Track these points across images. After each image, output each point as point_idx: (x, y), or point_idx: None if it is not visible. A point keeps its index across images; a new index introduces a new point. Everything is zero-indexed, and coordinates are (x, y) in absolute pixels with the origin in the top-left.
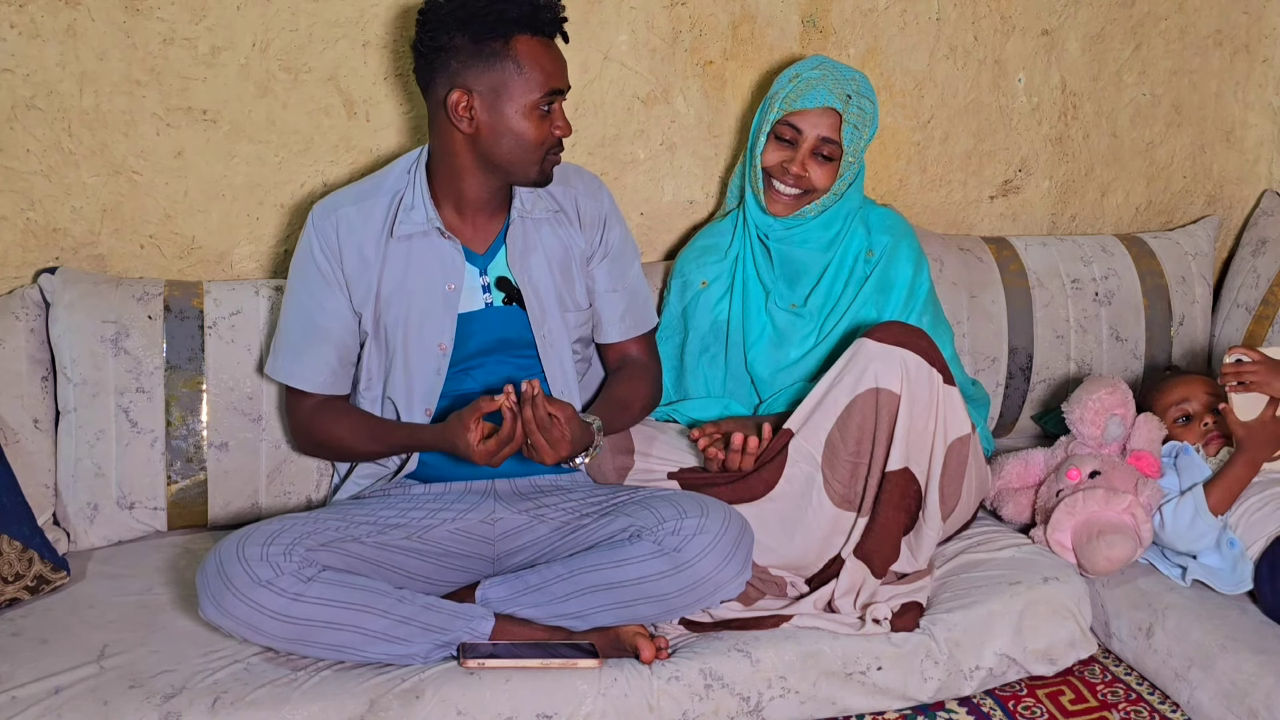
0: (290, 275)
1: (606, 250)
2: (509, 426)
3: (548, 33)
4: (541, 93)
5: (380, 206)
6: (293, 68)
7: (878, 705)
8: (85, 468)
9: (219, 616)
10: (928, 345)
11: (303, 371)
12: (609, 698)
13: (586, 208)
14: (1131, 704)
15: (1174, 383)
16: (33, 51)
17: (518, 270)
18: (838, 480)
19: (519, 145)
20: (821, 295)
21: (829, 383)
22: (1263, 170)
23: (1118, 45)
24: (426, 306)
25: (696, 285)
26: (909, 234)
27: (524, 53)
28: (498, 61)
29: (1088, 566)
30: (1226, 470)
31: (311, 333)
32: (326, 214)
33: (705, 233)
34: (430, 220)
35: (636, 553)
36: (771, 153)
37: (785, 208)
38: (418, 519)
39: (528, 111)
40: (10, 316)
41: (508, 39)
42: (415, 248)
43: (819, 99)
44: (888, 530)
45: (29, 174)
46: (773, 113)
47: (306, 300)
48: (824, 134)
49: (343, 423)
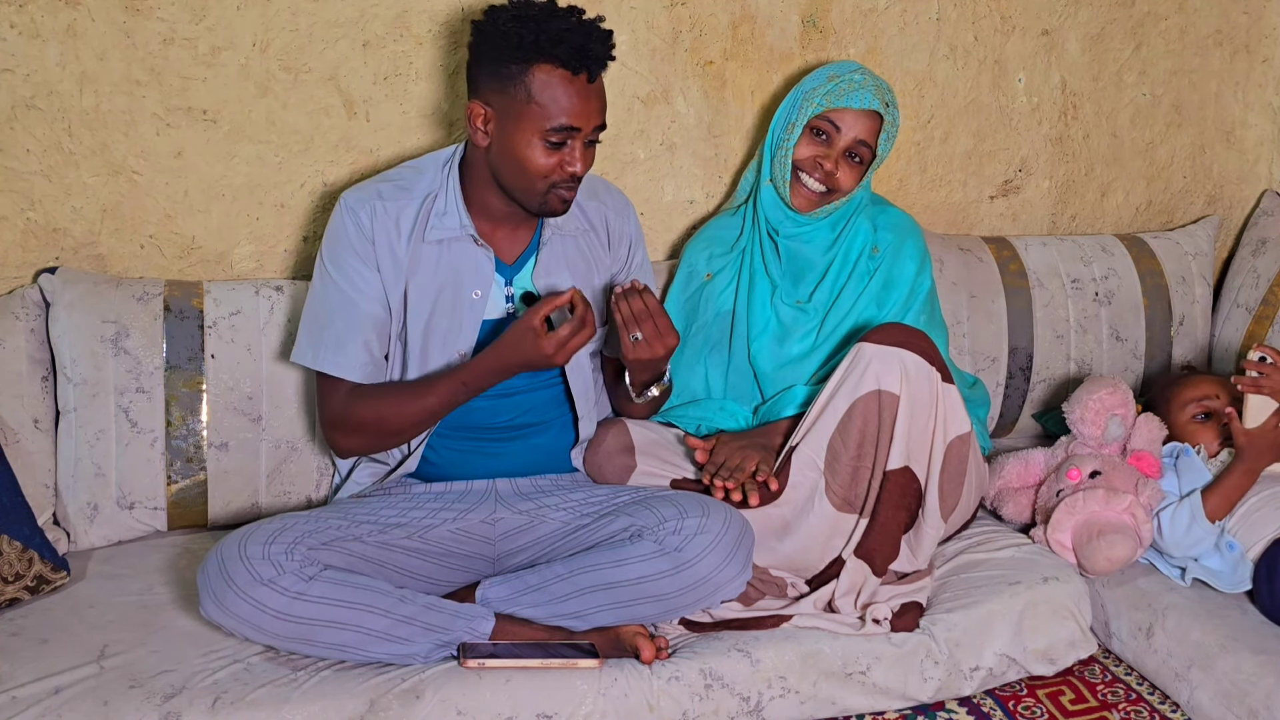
0: (323, 262)
1: (629, 270)
2: (581, 311)
3: (572, 67)
4: (549, 126)
5: (411, 207)
6: (293, 68)
7: (878, 705)
8: (85, 468)
9: (220, 615)
10: (926, 345)
11: (347, 361)
12: (609, 698)
13: (615, 224)
14: (1131, 704)
15: (1197, 379)
16: (33, 51)
17: (543, 286)
18: (838, 484)
19: (520, 172)
20: (825, 291)
21: (830, 391)
22: (1263, 170)
23: (1118, 45)
24: (451, 311)
25: (702, 276)
26: (915, 233)
27: (539, 83)
28: (511, 86)
29: (1088, 566)
30: (1225, 477)
31: (353, 318)
32: (361, 201)
33: (714, 223)
34: (464, 227)
35: (637, 552)
36: (805, 146)
37: (808, 203)
38: (419, 518)
39: (532, 141)
40: (10, 316)
41: (527, 64)
42: (446, 252)
43: (864, 100)
44: (888, 529)
45: (29, 174)
46: (812, 106)
47: (345, 285)
48: (861, 136)
49: (383, 397)
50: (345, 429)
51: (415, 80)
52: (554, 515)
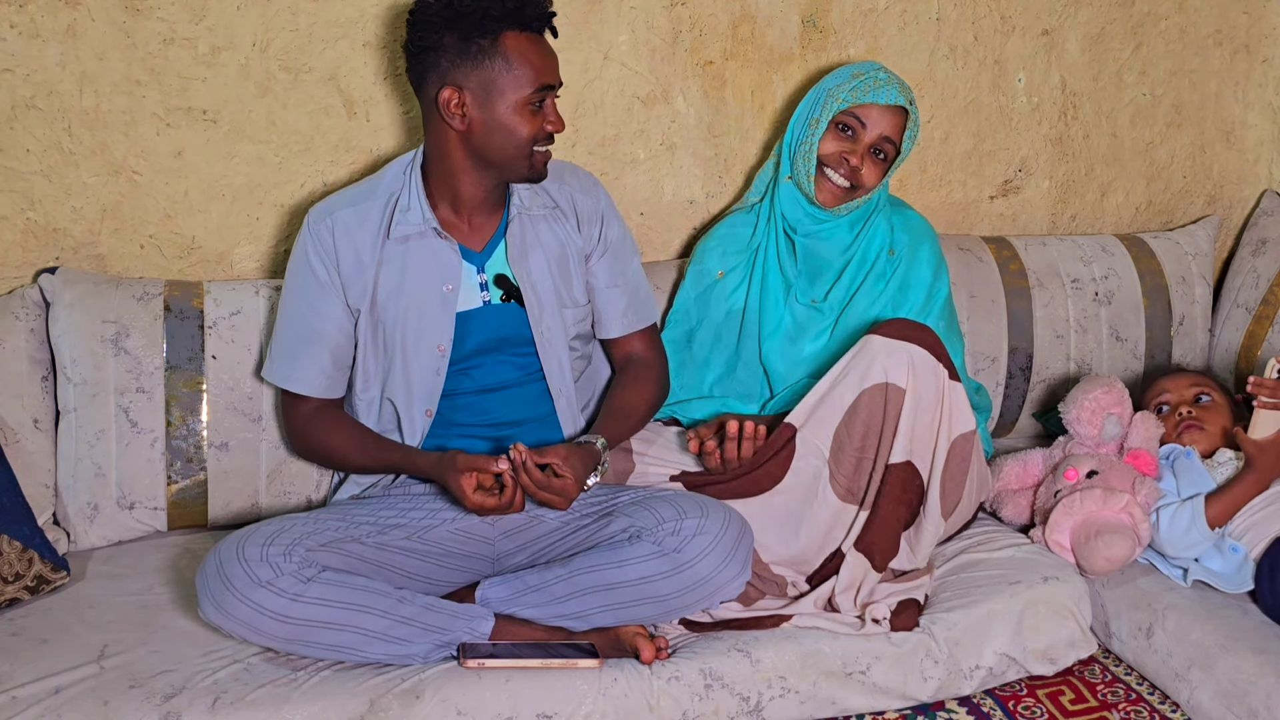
0: (286, 278)
1: (606, 246)
2: (510, 493)
3: (535, 28)
4: (532, 88)
5: (376, 209)
6: (293, 68)
7: (878, 705)
8: (85, 468)
9: (219, 617)
10: (934, 341)
11: (298, 375)
12: (609, 698)
13: (583, 204)
14: (1131, 704)
15: (1159, 378)
16: (33, 51)
17: (516, 268)
18: (843, 474)
19: (510, 141)
20: (841, 291)
21: (834, 378)
22: (1263, 170)
23: (1118, 45)
24: (425, 308)
25: (713, 274)
26: (930, 237)
27: (512, 49)
28: (486, 59)
29: (1087, 567)
30: (1233, 485)
31: (306, 336)
32: (322, 217)
33: (727, 222)
34: (426, 221)
35: (636, 553)
36: (830, 142)
37: (834, 198)
38: (418, 519)
39: (518, 108)
40: (10, 316)
41: (496, 36)
42: (412, 249)
43: (890, 96)
44: (888, 523)
45: (29, 174)
46: (837, 102)
47: (301, 304)
48: (886, 132)
49: (339, 432)
50: (300, 445)
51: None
52: (553, 516)
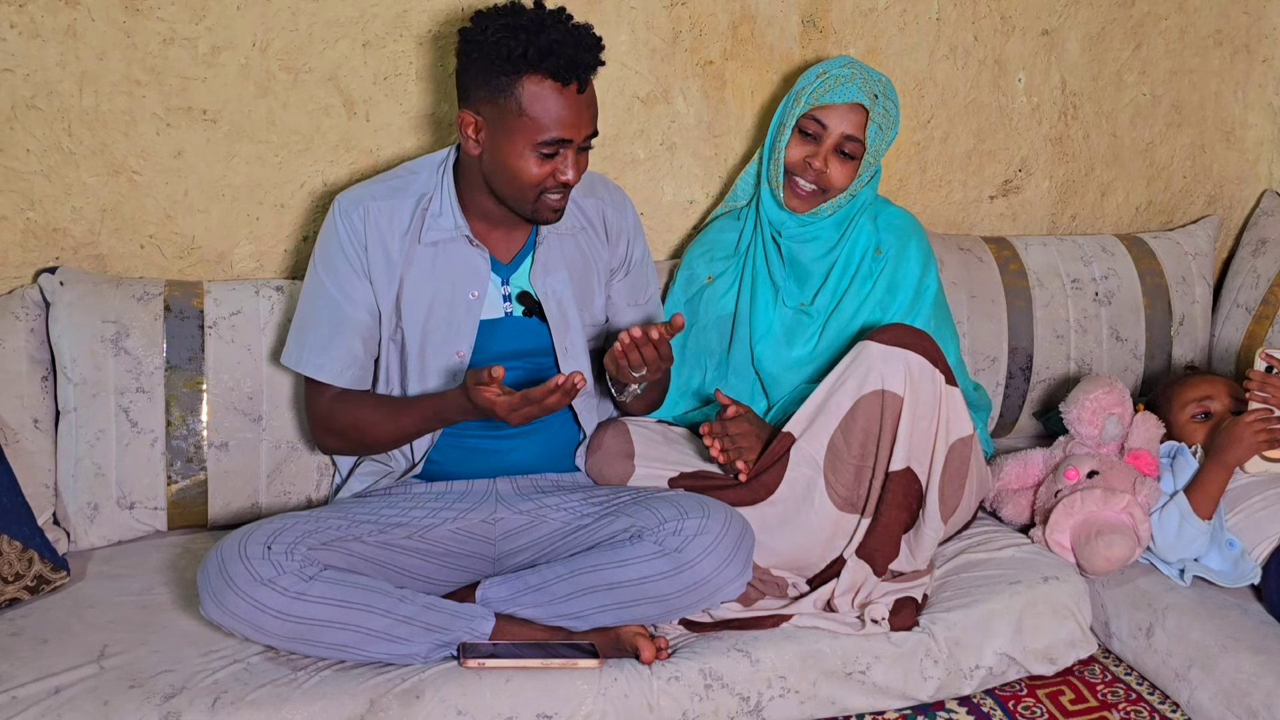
0: (314, 266)
1: (629, 266)
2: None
3: (562, 79)
4: (540, 139)
5: (406, 208)
6: (293, 68)
7: (877, 705)
8: (85, 468)
9: (220, 615)
10: (930, 346)
11: (330, 365)
12: (609, 698)
13: (613, 220)
14: (1131, 704)
15: (1200, 379)
16: (33, 51)
17: (540, 285)
18: (841, 484)
19: (512, 182)
20: (828, 295)
21: (830, 386)
22: (1263, 170)
23: (1118, 45)
24: (448, 312)
25: (702, 279)
26: (918, 233)
27: (529, 95)
28: (503, 96)
29: (1087, 567)
30: (1200, 474)
31: (340, 324)
32: (354, 204)
33: (714, 227)
34: (459, 228)
35: (637, 553)
36: (795, 148)
37: (803, 203)
38: (419, 518)
39: (524, 153)
40: (10, 316)
41: (517, 76)
42: (441, 253)
43: (847, 94)
44: (890, 529)
45: (29, 174)
46: (799, 106)
47: (334, 290)
48: (848, 131)
49: (364, 406)
50: (326, 431)
51: (415, 80)
52: (554, 515)
